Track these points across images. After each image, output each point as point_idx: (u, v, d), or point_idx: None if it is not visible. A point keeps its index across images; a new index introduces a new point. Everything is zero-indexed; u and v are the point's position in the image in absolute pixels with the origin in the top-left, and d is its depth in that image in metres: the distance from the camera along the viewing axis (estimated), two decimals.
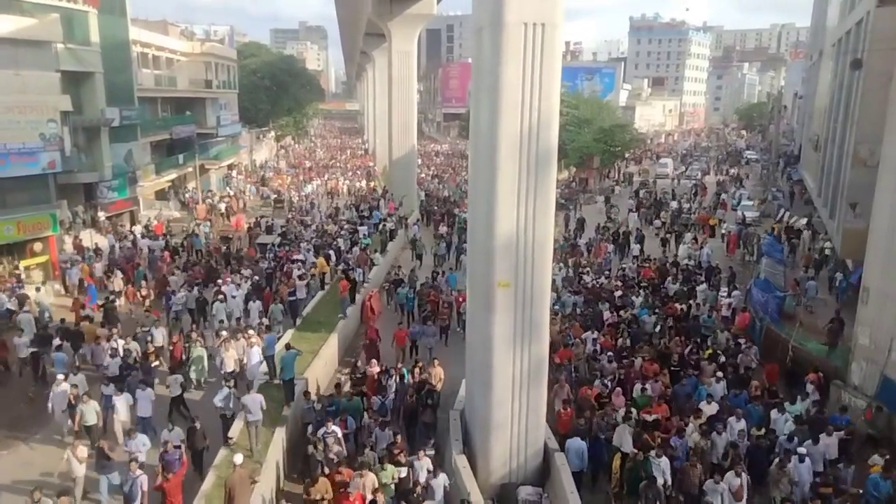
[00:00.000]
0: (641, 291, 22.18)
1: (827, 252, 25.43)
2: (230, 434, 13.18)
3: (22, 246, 24.73)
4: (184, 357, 16.94)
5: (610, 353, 17.04)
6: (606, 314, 20.15)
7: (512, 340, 11.81)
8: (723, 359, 16.71)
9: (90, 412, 13.75)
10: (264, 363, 16.12)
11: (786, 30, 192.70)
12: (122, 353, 16.35)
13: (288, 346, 15.51)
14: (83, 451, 12.24)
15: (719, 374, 15.45)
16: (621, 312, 20.30)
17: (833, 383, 15.73)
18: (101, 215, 31.10)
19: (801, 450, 12.19)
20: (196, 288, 21.59)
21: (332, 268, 24.74)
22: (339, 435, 12.69)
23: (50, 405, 14.13)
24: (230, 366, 16.04)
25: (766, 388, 15.44)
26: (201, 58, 46.97)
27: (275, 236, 29.84)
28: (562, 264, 25.51)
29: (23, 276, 23.57)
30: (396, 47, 38.70)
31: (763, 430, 13.41)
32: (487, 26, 10.93)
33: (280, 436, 13.47)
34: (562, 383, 15.07)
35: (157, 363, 16.75)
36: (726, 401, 14.43)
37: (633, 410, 13.90)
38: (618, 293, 22.21)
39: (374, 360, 16.19)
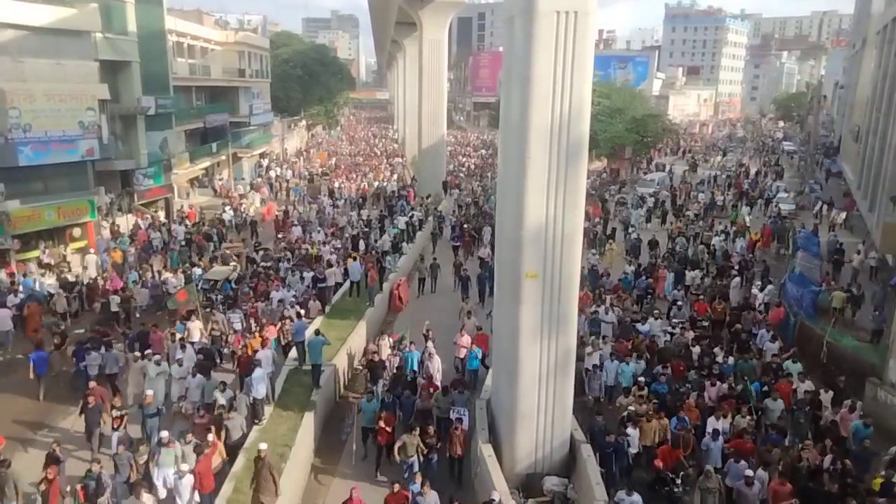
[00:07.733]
0: (723, 342, 16.96)
1: (873, 263, 23.13)
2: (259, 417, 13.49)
3: (61, 231, 25.48)
4: None
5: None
6: (713, 388, 14.10)
7: (539, 332, 11.76)
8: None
9: None
10: (294, 348, 16.45)
11: (827, 17, 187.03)
12: None
13: (317, 332, 15.76)
14: None
15: None
16: (726, 384, 14.31)
17: (869, 380, 15.35)
18: (149, 207, 31.88)
19: None
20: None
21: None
22: None
23: None
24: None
25: None
26: (235, 47, 47.56)
27: (229, 268, 22.16)
28: (607, 306, 18.64)
29: (69, 260, 24.26)
30: (427, 36, 38.56)
31: None
32: (519, 14, 10.83)
33: (309, 420, 13.72)
34: None
35: None
36: None
37: None
38: (695, 349, 16.39)
39: None
